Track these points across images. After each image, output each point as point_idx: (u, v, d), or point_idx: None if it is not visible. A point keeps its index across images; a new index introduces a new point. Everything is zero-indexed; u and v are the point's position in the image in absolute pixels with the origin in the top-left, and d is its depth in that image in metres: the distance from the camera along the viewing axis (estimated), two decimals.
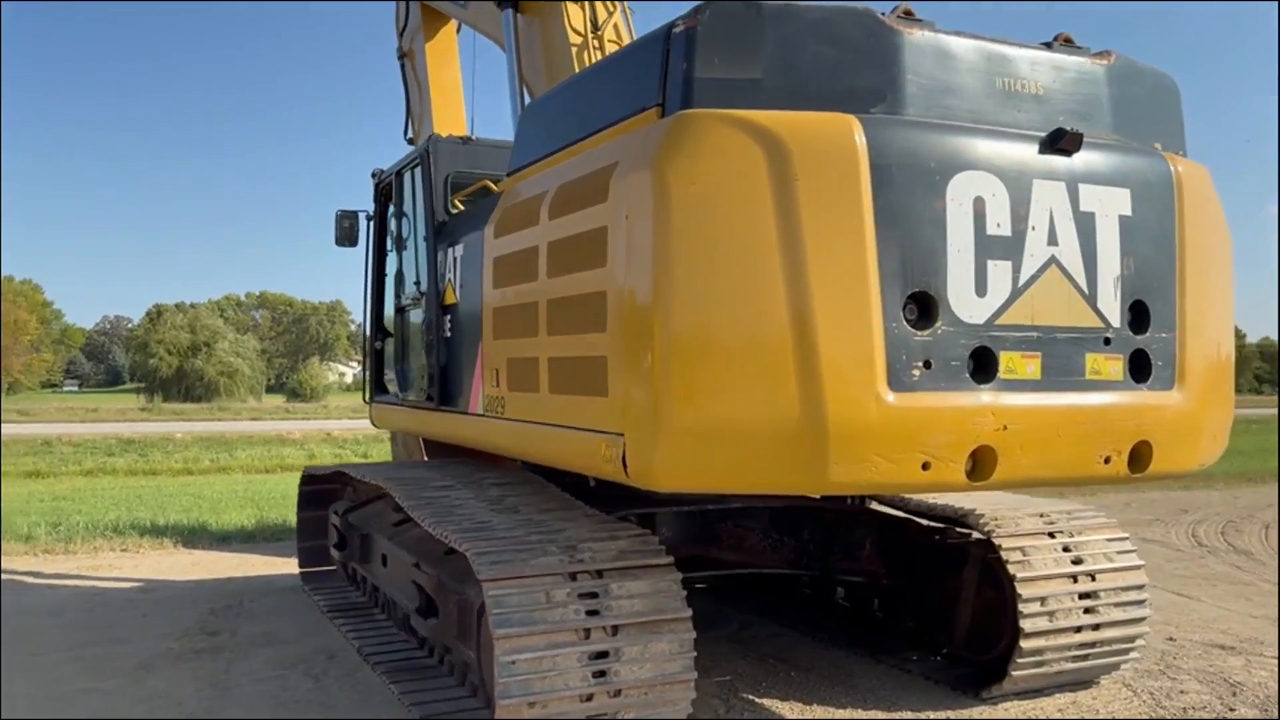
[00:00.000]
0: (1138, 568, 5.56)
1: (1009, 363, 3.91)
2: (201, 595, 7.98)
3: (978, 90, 4.06)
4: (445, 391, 6.09)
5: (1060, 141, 4.01)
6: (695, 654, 4.45)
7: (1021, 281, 3.93)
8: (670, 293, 3.67)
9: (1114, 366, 4.13)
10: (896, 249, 3.73)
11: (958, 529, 5.79)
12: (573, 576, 4.39)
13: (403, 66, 9.01)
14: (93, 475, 20.19)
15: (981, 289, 3.85)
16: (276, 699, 5.43)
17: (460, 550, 4.51)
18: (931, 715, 5.18)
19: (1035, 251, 3.95)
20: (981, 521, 5.45)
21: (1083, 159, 4.09)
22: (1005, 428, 3.84)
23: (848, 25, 3.91)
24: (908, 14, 4.03)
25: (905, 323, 3.74)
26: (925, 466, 3.76)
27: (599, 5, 6.57)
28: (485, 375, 5.39)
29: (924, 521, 6.04)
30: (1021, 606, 5.16)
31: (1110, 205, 4.12)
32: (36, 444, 28.73)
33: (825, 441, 3.64)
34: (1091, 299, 4.07)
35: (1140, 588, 5.52)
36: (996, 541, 5.30)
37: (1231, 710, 5.26)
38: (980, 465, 3.87)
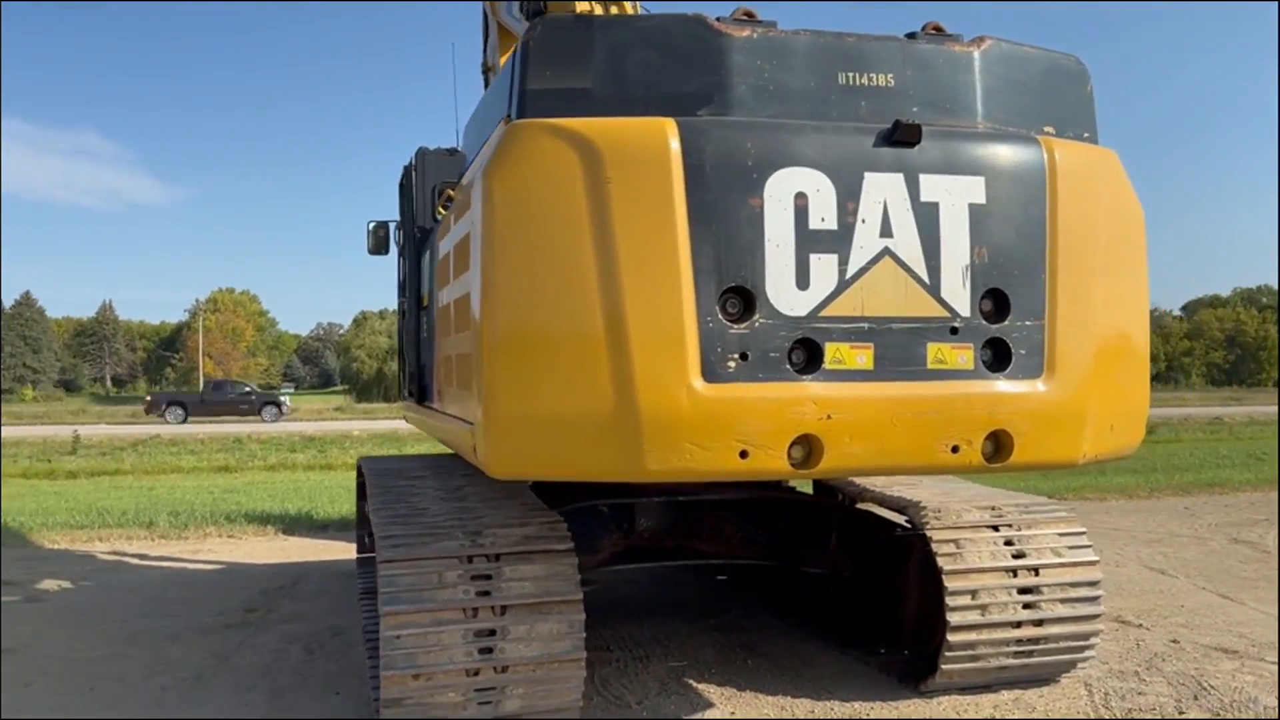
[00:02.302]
0: (1090, 564, 5.40)
1: (836, 353, 3.96)
2: (265, 576, 8.73)
3: (817, 87, 4.12)
4: (422, 389, 6.52)
5: (896, 134, 4.03)
6: (584, 635, 4.67)
7: (850, 274, 3.97)
8: (494, 293, 3.93)
9: (962, 355, 4.10)
10: (711, 246, 3.86)
11: (911, 522, 5.77)
12: (469, 559, 4.70)
13: (486, 81, 9.50)
14: (274, 470, 21.85)
15: (803, 282, 3.93)
16: (265, 667, 5.98)
17: (376, 534, 4.90)
18: (861, 705, 5.21)
19: (865, 244, 3.99)
20: (922, 513, 5.43)
21: (928, 149, 4.08)
22: (829, 417, 3.91)
23: (676, 32, 4.06)
24: (748, 15, 4.15)
25: (721, 317, 3.87)
26: (744, 455, 3.87)
27: (612, 7, 6.84)
28: (438, 372, 5.79)
29: (884, 514, 6.03)
30: (948, 599, 5.12)
31: (958, 195, 4.10)
32: (228, 441, 31.41)
33: (639, 431, 3.82)
34: (934, 289, 4.07)
35: (1093, 584, 5.36)
36: (928, 534, 5.28)
37: (1181, 712, 5.05)
38: (810, 454, 3.96)
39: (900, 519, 5.90)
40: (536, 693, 4.67)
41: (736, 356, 3.87)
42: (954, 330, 4.10)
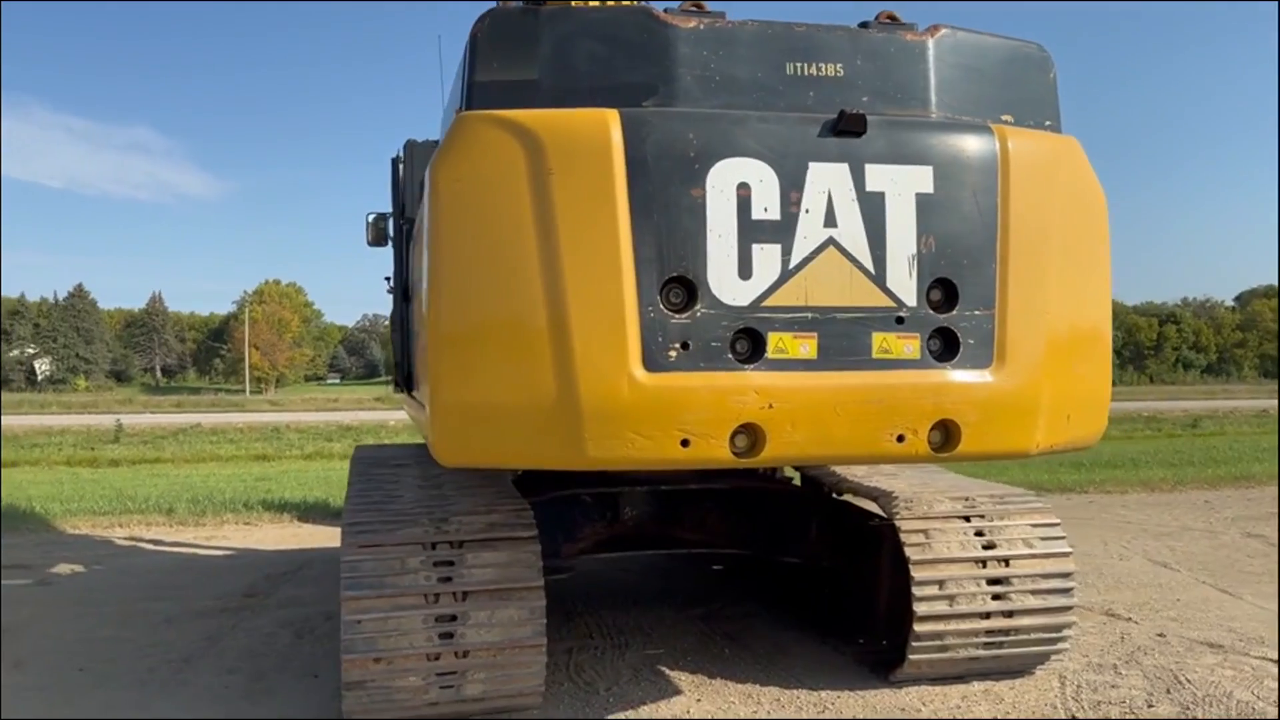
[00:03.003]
0: (1063, 555, 5.37)
1: (779, 343, 3.98)
2: (272, 562, 8.89)
3: (765, 77, 4.13)
4: (408, 379, 6.60)
5: (842, 123, 4.03)
6: (545, 621, 4.73)
7: (793, 264, 3.98)
8: (440, 283, 3.99)
9: (908, 345, 4.10)
10: (653, 237, 3.88)
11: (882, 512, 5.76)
12: (432, 546, 4.78)
13: None
14: (310, 459, 22.19)
15: (745, 272, 3.94)
16: (251, 650, 6.12)
17: (343, 521, 4.99)
18: (828, 694, 5.22)
19: (809, 234, 3.99)
20: (893, 503, 5.42)
21: (875, 139, 4.08)
22: (771, 406, 3.92)
23: (623, 23, 4.09)
24: (696, 6, 4.17)
25: (663, 306, 3.90)
26: (685, 443, 3.90)
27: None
28: (417, 362, 5.87)
29: (862, 504, 6.02)
30: (914, 589, 5.12)
31: (905, 184, 4.09)
32: (267, 430, 31.95)
33: (580, 419, 3.86)
34: (879, 279, 4.06)
35: (1065, 576, 5.33)
36: (897, 524, 5.27)
37: (1151, 705, 5.01)
38: (754, 443, 3.98)
39: (862, 505, 5.91)
40: (498, 678, 4.74)
41: (678, 346, 3.90)
42: (900, 320, 4.09)
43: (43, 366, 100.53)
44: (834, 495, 6.35)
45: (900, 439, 4.08)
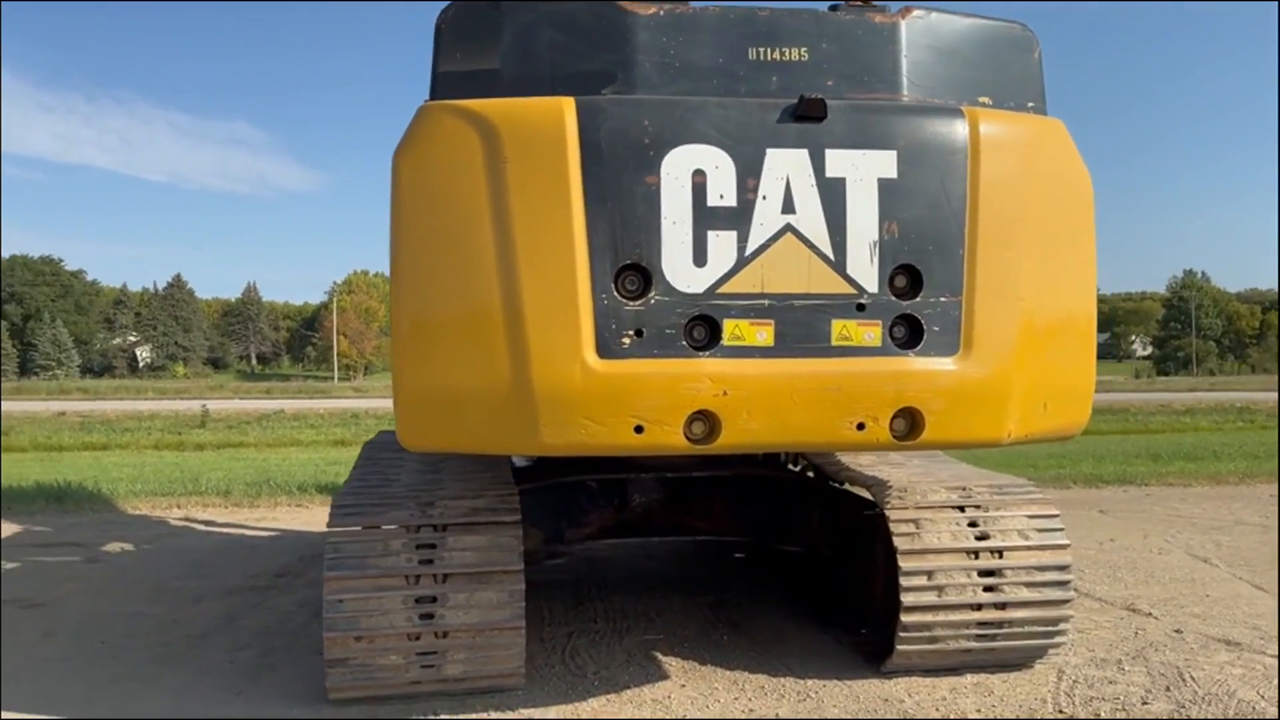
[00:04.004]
0: (1060, 547, 5.24)
1: (735, 330, 3.97)
2: (312, 543, 9.11)
3: (726, 63, 4.12)
4: None
5: (800, 109, 4.00)
6: (524, 604, 4.80)
7: (749, 251, 3.97)
8: (400, 271, 4.07)
9: (869, 333, 4.05)
10: (607, 224, 3.91)
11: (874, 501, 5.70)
12: (416, 529, 4.88)
13: None
14: None
15: (701, 259, 3.94)
16: (266, 629, 6.31)
17: (332, 503, 5.12)
18: (815, 682, 5.18)
19: (766, 221, 3.98)
20: (886, 492, 5.36)
21: (836, 124, 4.04)
22: (725, 393, 3.92)
23: (583, 11, 4.11)
24: None
25: (617, 294, 3.92)
26: (639, 430, 3.93)
27: None
28: None
29: (861, 493, 5.96)
30: (902, 579, 5.05)
31: (867, 169, 4.04)
32: (346, 416, 32.76)
33: (534, 406, 3.92)
34: (839, 266, 4.03)
35: (1062, 568, 5.20)
36: (887, 513, 5.21)
37: (1145, 704, 4.88)
38: (711, 430, 3.99)
39: (862, 494, 5.85)
40: (478, 658, 4.83)
41: (631, 333, 3.92)
42: (860, 307, 4.05)
43: (144, 354, 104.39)
44: (835, 484, 6.30)
45: (861, 427, 4.05)
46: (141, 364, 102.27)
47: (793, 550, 6.44)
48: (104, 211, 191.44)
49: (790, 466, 7.01)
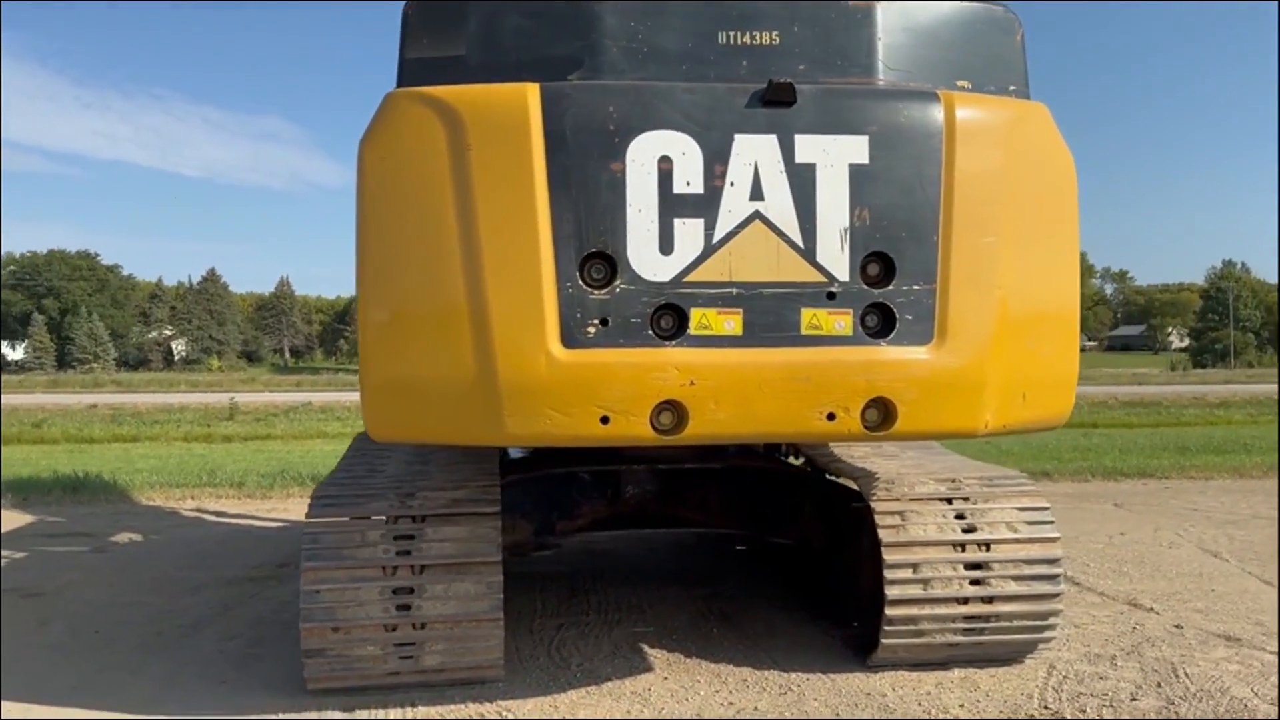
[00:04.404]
0: (1050, 540, 5.14)
1: (702, 319, 3.92)
2: None
3: (696, 48, 4.06)
4: None
5: (769, 93, 3.93)
6: (502, 595, 4.78)
7: (717, 239, 3.92)
8: (365, 260, 4.05)
9: (839, 321, 3.99)
10: (572, 212, 3.87)
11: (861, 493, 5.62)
12: (394, 520, 4.86)
13: None
14: None
15: (667, 247, 3.89)
16: (259, 619, 6.34)
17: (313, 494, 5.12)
18: (798, 675, 5.12)
19: (734, 208, 3.92)
20: (872, 484, 5.28)
21: (806, 109, 3.97)
22: (692, 383, 3.87)
23: None
24: None
25: (582, 282, 3.88)
26: (605, 420, 3.89)
27: None
28: None
29: (852, 485, 5.88)
30: (886, 572, 4.98)
31: (837, 155, 3.97)
32: None
33: (498, 396, 3.89)
34: (809, 253, 3.96)
35: (1052, 562, 5.10)
36: (873, 505, 5.14)
37: (1134, 700, 4.78)
38: (679, 420, 3.94)
39: (852, 486, 5.77)
40: (456, 650, 4.81)
41: (596, 322, 3.88)
42: (831, 295, 3.99)
43: (179, 347, 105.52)
44: (827, 476, 6.22)
45: (831, 417, 3.98)
46: (177, 357, 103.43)
47: (784, 543, 6.37)
48: (140, 207, 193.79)
49: (791, 459, 6.95)
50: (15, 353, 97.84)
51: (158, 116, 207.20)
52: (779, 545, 7.15)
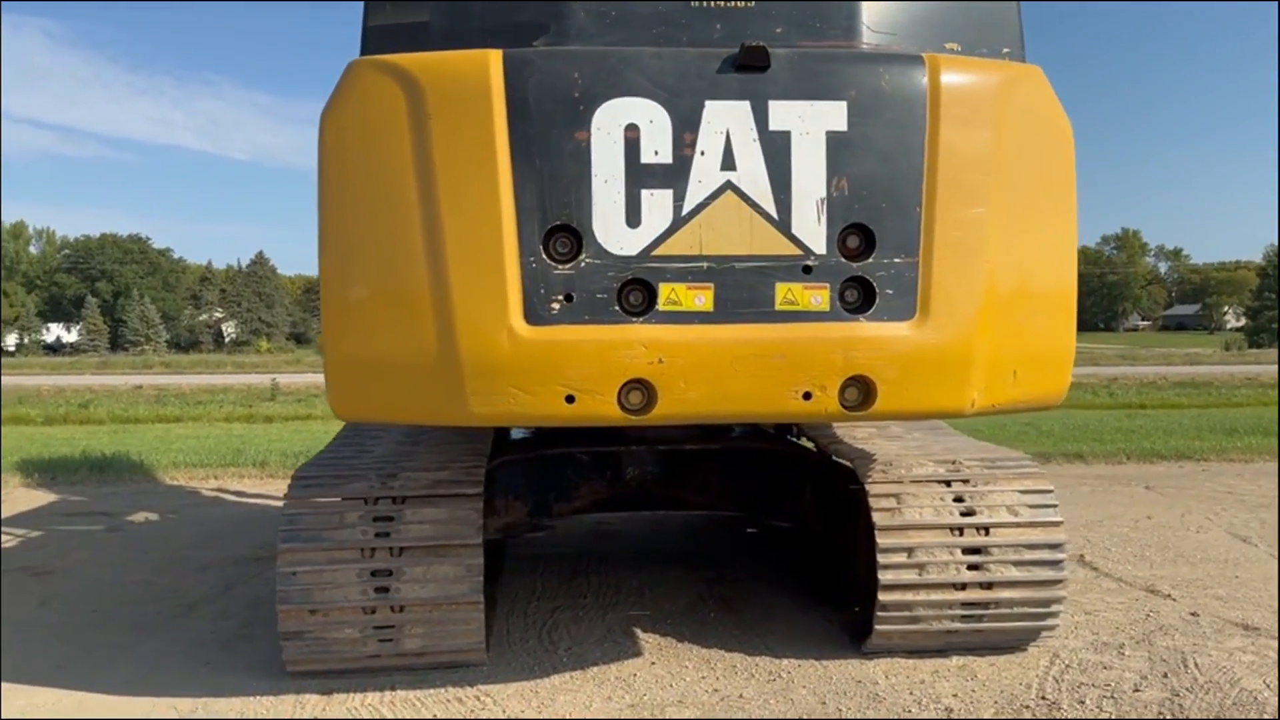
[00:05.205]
0: (1053, 524, 4.94)
1: (671, 294, 3.77)
2: None
3: (667, 11, 3.91)
4: None
5: (742, 58, 3.76)
6: (481, 578, 4.69)
7: (686, 210, 3.76)
8: (326, 235, 3.95)
9: (816, 296, 3.82)
10: (535, 183, 3.74)
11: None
12: (374, 501, 4.78)
13: None
14: None
15: (634, 220, 3.75)
16: (257, 599, 6.30)
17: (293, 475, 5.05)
18: (790, 662, 4.98)
19: (704, 178, 3.76)
20: (869, 466, 5.11)
21: (781, 74, 3.80)
22: (661, 361, 3.73)
23: None
24: None
25: (546, 256, 3.75)
26: (570, 399, 3.76)
27: None
28: None
29: (849, 466, 5.71)
30: (879, 556, 4.82)
31: (814, 122, 3.80)
32: None
33: (460, 375, 3.77)
34: (784, 225, 3.80)
35: (1055, 547, 4.90)
36: (868, 488, 4.96)
37: (1137, 691, 4.58)
38: (647, 399, 3.80)
39: (850, 468, 5.60)
40: (435, 633, 4.73)
41: (561, 298, 3.75)
42: (807, 269, 3.82)
43: (229, 329, 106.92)
44: (834, 458, 6.04)
45: (807, 396, 3.83)
46: (227, 340, 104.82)
47: (783, 526, 6.21)
48: (190, 191, 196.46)
49: (799, 440, 6.78)
50: (70, 335, 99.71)
51: (209, 101, 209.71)
52: (785, 528, 6.99)
